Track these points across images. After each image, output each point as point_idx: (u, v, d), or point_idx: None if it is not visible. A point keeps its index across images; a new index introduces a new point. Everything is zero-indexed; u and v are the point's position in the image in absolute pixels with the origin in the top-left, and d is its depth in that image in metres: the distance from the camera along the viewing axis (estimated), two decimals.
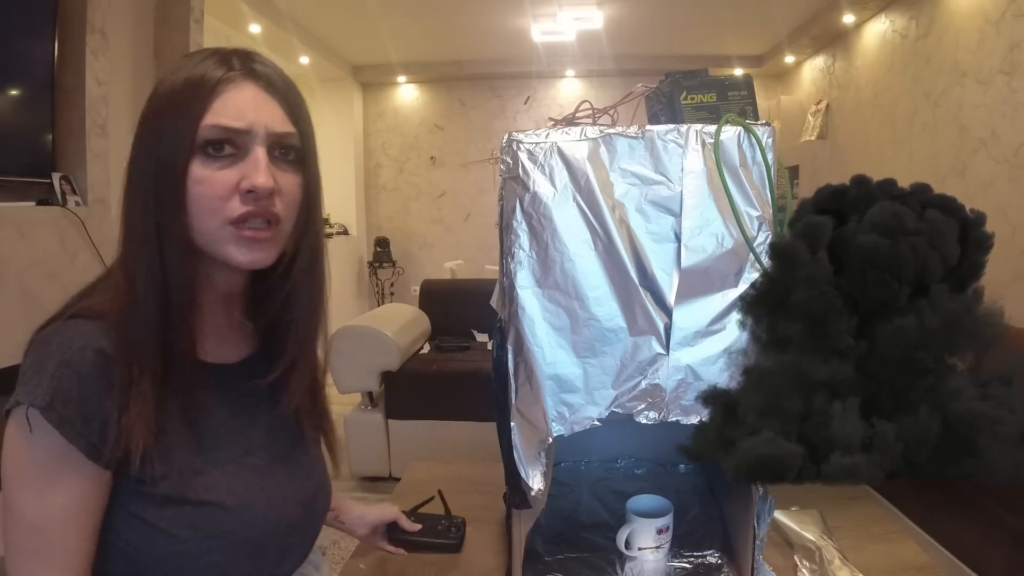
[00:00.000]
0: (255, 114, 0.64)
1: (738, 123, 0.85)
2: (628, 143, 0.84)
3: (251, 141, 0.63)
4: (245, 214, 0.63)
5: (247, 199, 0.63)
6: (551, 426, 0.82)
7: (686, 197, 0.83)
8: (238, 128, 0.63)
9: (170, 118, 0.62)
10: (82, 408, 0.58)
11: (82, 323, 0.61)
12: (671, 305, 0.82)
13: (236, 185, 0.63)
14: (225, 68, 0.64)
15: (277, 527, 0.70)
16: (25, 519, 0.59)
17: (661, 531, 0.96)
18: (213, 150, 0.62)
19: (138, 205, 0.64)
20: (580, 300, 0.82)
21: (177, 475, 0.63)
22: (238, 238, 0.64)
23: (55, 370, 0.58)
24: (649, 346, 0.82)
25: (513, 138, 0.85)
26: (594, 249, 0.83)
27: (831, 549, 0.98)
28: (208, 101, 0.62)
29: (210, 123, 0.62)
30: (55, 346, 0.60)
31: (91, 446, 0.59)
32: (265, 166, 0.63)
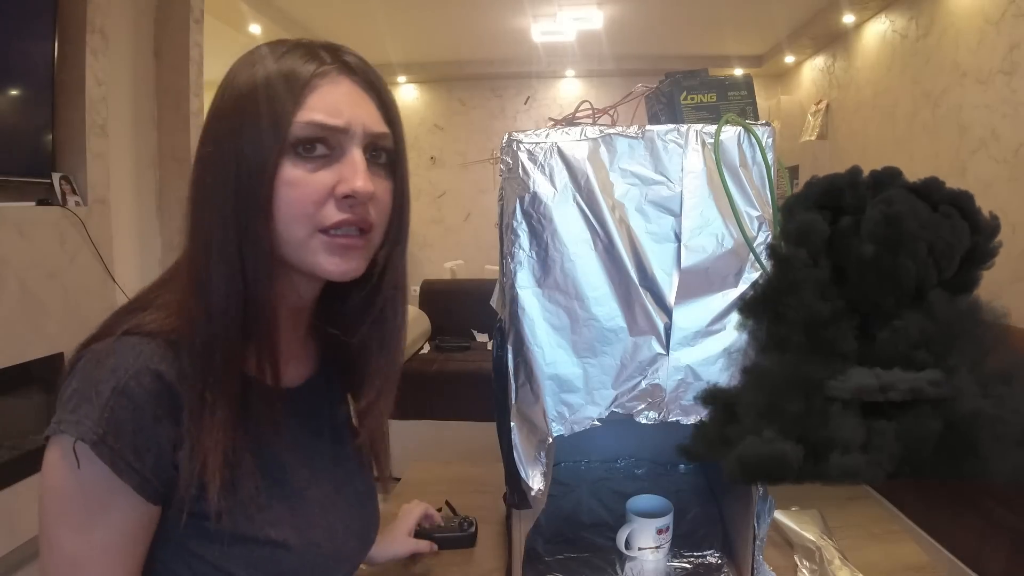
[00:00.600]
0: (352, 111, 0.58)
1: (738, 123, 0.85)
2: (628, 143, 0.84)
3: (347, 141, 0.58)
4: (340, 221, 0.57)
5: (343, 205, 0.57)
6: (551, 426, 0.82)
7: (686, 197, 0.83)
8: (335, 126, 0.57)
9: (254, 114, 0.56)
10: (136, 440, 0.53)
11: (137, 341, 0.55)
12: (671, 305, 0.82)
13: (331, 189, 0.57)
14: (317, 62, 0.58)
15: (336, 564, 0.66)
16: (64, 553, 0.54)
17: (661, 531, 0.96)
18: (305, 150, 0.56)
19: (213, 210, 0.57)
20: (580, 300, 0.82)
21: (240, 511, 0.57)
22: (331, 246, 0.58)
23: (108, 398, 0.52)
24: (649, 346, 0.82)
25: (513, 138, 0.85)
26: (594, 249, 0.83)
27: (831, 549, 0.98)
28: (301, 96, 0.56)
29: (304, 119, 0.56)
30: (108, 369, 0.53)
31: (143, 481, 0.53)
32: (364, 169, 0.58)
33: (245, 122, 0.56)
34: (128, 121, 2.68)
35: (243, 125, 0.56)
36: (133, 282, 2.63)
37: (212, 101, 0.59)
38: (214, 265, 0.57)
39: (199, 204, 0.58)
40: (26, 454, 1.98)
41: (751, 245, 0.82)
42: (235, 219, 0.56)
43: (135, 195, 2.73)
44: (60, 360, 2.09)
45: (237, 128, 0.56)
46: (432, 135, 6.38)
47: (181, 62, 2.82)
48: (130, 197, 2.70)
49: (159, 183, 2.86)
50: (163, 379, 0.54)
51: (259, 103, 0.56)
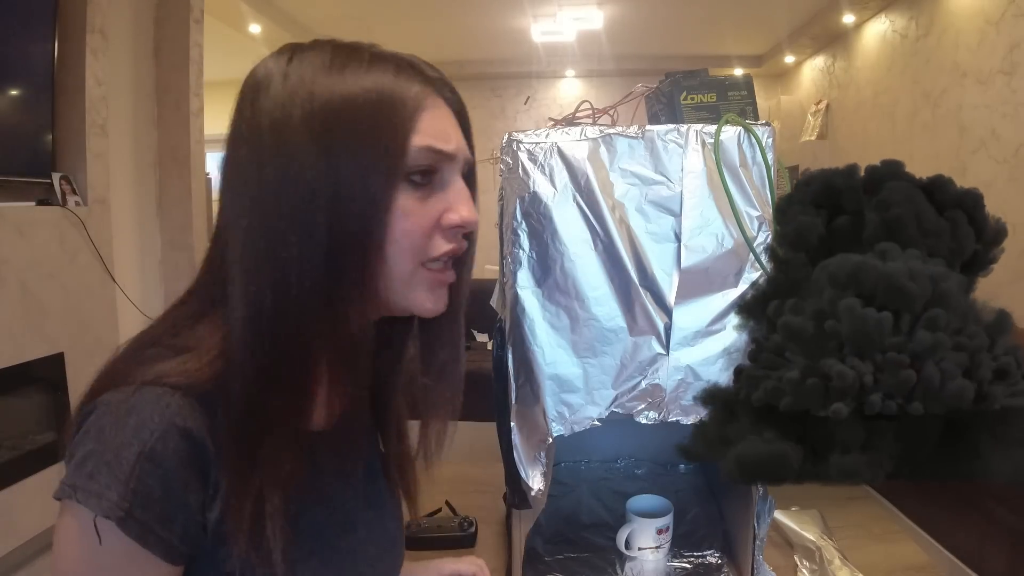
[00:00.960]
0: (456, 136, 0.54)
1: (738, 123, 0.85)
2: (628, 143, 0.84)
3: (452, 167, 0.53)
4: (444, 252, 0.53)
5: (449, 235, 0.53)
6: (551, 426, 0.82)
7: (686, 197, 0.83)
8: (446, 152, 0.52)
9: (359, 135, 0.49)
10: (164, 509, 0.47)
11: (161, 393, 0.47)
12: (671, 305, 0.82)
13: (438, 219, 0.52)
14: (420, 80, 0.52)
15: None
16: None
17: (661, 531, 0.96)
18: (420, 177, 0.51)
19: (289, 242, 0.48)
20: (580, 300, 0.82)
21: (268, 567, 0.51)
22: (432, 281, 0.54)
23: (134, 465, 0.46)
24: (649, 346, 0.82)
25: (513, 138, 0.85)
26: (594, 249, 0.83)
27: (831, 549, 0.98)
28: (415, 119, 0.50)
29: (420, 144, 0.50)
30: (130, 430, 0.46)
31: (170, 548, 0.48)
32: (469, 196, 0.54)
33: (346, 143, 0.48)
34: (128, 121, 2.68)
35: (342, 146, 0.48)
36: (133, 282, 2.63)
37: (266, 107, 0.49)
38: (288, 308, 0.48)
39: (259, 234, 0.49)
40: (26, 454, 1.98)
41: (751, 245, 0.82)
42: (328, 254, 0.48)
43: (135, 195, 2.73)
44: (60, 360, 2.09)
45: (331, 149, 0.48)
46: None
47: (181, 62, 2.82)
48: (130, 197, 2.70)
49: (159, 183, 2.86)
50: (192, 437, 0.48)
51: (364, 122, 0.49)
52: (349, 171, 0.48)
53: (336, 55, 0.51)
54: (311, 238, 0.48)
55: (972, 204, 0.72)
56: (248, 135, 0.50)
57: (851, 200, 0.75)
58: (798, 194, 0.78)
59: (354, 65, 0.50)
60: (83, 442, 0.47)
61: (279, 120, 0.49)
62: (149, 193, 2.82)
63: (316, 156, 0.48)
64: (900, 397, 0.63)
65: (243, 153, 0.50)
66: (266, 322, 0.49)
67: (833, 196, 0.76)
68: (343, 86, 0.49)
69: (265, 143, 0.49)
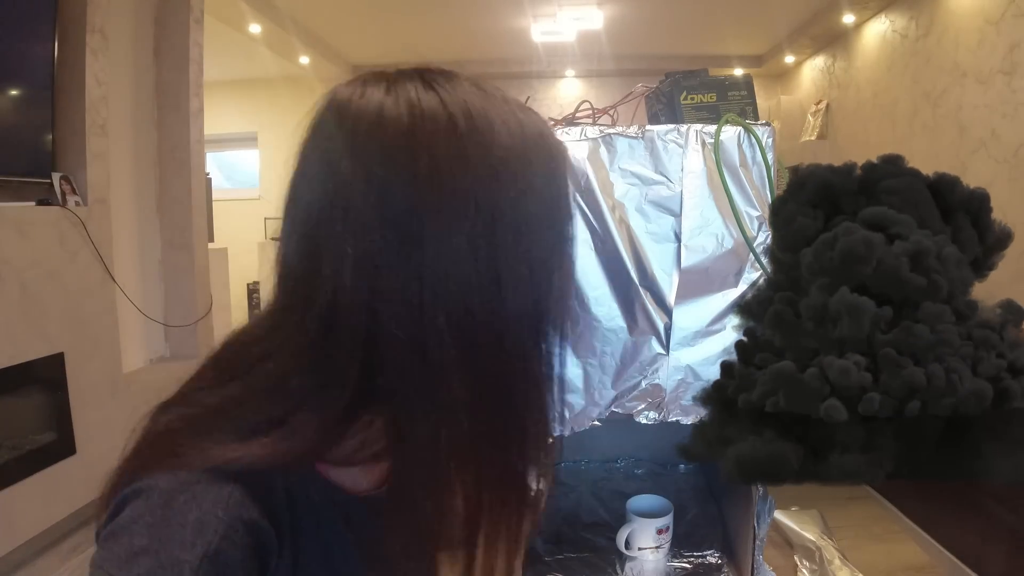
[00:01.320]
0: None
1: (738, 123, 0.85)
2: (628, 143, 0.84)
3: None
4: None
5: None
6: (551, 426, 0.82)
7: (686, 197, 0.83)
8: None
9: (552, 180, 0.43)
10: None
11: (222, 487, 0.41)
12: (671, 305, 0.82)
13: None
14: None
15: None
16: None
17: (661, 531, 0.96)
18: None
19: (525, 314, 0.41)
20: (580, 300, 0.82)
21: None
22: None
23: (197, 569, 0.39)
24: (649, 346, 0.82)
25: None
26: (594, 249, 0.83)
27: (831, 549, 0.98)
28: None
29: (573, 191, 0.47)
30: (192, 530, 0.39)
31: None
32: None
33: (564, 181, 0.44)
34: (128, 121, 2.68)
35: (563, 184, 0.44)
36: (133, 282, 2.63)
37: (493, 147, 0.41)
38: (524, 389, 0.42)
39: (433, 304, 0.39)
40: (26, 454, 1.98)
41: (751, 245, 0.82)
42: (535, 314, 0.42)
43: (135, 195, 2.73)
44: (60, 360, 2.09)
45: (555, 188, 0.43)
46: None
47: (181, 62, 2.82)
48: (130, 197, 2.70)
49: (159, 183, 2.86)
50: (257, 527, 0.42)
51: (552, 166, 0.44)
52: (552, 217, 0.43)
53: (479, 84, 0.45)
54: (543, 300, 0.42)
55: (978, 207, 0.72)
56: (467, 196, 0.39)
57: (849, 201, 0.75)
58: (793, 193, 0.78)
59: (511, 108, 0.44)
60: (130, 531, 0.39)
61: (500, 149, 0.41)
62: (149, 193, 2.82)
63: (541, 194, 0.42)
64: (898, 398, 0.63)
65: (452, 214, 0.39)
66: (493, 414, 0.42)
67: (830, 195, 0.76)
68: (516, 128, 0.43)
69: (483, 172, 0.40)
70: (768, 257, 0.80)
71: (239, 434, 0.42)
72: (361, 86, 0.42)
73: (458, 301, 0.39)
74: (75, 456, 2.13)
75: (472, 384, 0.41)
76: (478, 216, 0.39)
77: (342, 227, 0.39)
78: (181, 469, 0.41)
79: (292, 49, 4.91)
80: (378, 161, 0.39)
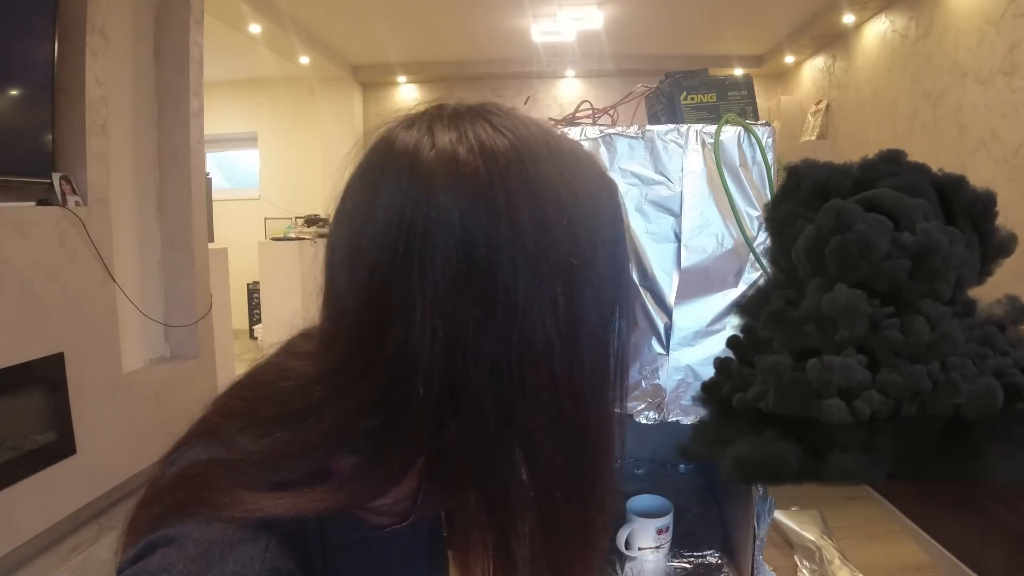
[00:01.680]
0: None
1: (738, 123, 0.85)
2: (628, 143, 0.84)
3: None
4: None
5: None
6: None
7: (686, 197, 0.83)
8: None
9: (614, 220, 0.43)
10: None
11: (258, 540, 0.38)
12: (671, 305, 0.82)
13: None
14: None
15: None
16: None
17: (661, 531, 0.96)
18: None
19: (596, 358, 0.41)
20: None
21: None
22: None
23: None
24: (649, 346, 0.82)
25: None
26: None
27: (831, 549, 0.98)
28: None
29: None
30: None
31: None
32: None
33: (622, 219, 0.44)
34: (128, 121, 2.68)
35: (621, 223, 0.44)
36: (133, 282, 2.63)
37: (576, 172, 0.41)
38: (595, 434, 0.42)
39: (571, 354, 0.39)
40: (26, 454, 1.98)
41: (751, 245, 0.82)
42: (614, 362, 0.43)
43: (135, 195, 2.73)
44: (60, 360, 2.09)
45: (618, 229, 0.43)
46: None
47: (181, 62, 2.82)
48: (130, 197, 2.70)
49: (159, 183, 2.86)
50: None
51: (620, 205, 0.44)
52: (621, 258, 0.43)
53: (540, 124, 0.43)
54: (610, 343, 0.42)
55: (981, 212, 0.71)
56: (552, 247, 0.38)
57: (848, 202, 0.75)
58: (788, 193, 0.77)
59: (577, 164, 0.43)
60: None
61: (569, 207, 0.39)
62: (149, 193, 2.82)
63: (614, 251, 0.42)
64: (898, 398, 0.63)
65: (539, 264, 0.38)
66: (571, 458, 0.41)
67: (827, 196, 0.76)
68: (592, 165, 0.43)
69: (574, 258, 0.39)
70: (768, 258, 0.80)
71: (283, 482, 0.40)
72: (428, 132, 0.40)
73: (540, 358, 0.38)
74: (75, 456, 2.13)
75: (555, 440, 0.40)
76: (557, 269, 0.38)
77: (418, 280, 0.37)
78: (217, 521, 0.38)
79: (292, 49, 4.91)
80: (457, 215, 0.37)
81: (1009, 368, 0.62)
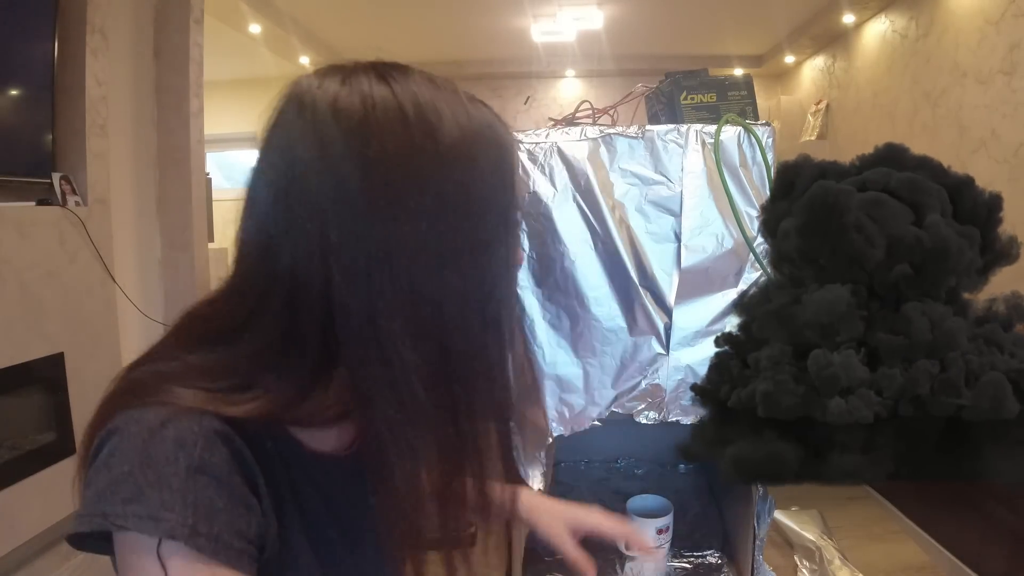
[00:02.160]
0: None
1: (738, 123, 0.85)
2: (628, 143, 0.84)
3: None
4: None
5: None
6: (551, 426, 0.82)
7: (686, 197, 0.83)
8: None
9: (498, 168, 0.48)
10: (232, 518, 0.43)
11: (198, 414, 0.44)
12: (671, 305, 0.82)
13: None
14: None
15: None
16: None
17: (661, 531, 0.96)
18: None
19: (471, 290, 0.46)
20: (580, 300, 0.82)
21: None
22: None
23: (185, 481, 0.41)
24: (649, 346, 0.82)
25: None
26: (594, 249, 0.83)
27: (831, 549, 0.98)
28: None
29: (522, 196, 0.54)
30: (171, 446, 0.41)
31: (243, 555, 0.43)
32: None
33: (510, 170, 0.48)
34: (128, 121, 2.68)
35: (508, 173, 0.48)
36: (133, 282, 2.63)
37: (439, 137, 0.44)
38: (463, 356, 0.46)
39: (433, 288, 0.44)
40: (26, 454, 1.98)
41: (751, 245, 0.82)
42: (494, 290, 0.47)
43: (135, 195, 2.73)
44: (60, 360, 2.09)
45: (500, 176, 0.47)
46: None
47: (181, 62, 2.82)
48: (130, 197, 2.70)
49: (159, 183, 2.86)
50: (233, 440, 0.44)
51: (511, 157, 0.49)
52: (507, 212, 0.47)
53: (431, 77, 0.49)
54: (487, 278, 0.46)
55: (986, 217, 0.70)
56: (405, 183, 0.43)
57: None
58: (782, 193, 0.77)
59: (460, 97, 0.48)
60: (109, 464, 0.42)
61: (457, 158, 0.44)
62: (149, 193, 2.81)
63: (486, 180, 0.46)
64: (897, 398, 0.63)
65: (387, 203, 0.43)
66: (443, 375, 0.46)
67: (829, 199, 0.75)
68: (481, 115, 0.47)
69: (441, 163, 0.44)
70: (768, 259, 0.80)
71: (213, 388, 0.45)
72: (319, 78, 0.46)
73: (405, 277, 0.43)
74: (75, 456, 2.12)
75: (422, 353, 0.44)
76: (424, 199, 0.43)
77: (300, 208, 0.43)
78: (156, 406, 0.43)
79: (292, 49, 4.91)
80: (333, 147, 0.43)
81: (1015, 368, 0.62)
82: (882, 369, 0.63)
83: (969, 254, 0.65)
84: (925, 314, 0.63)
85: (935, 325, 0.62)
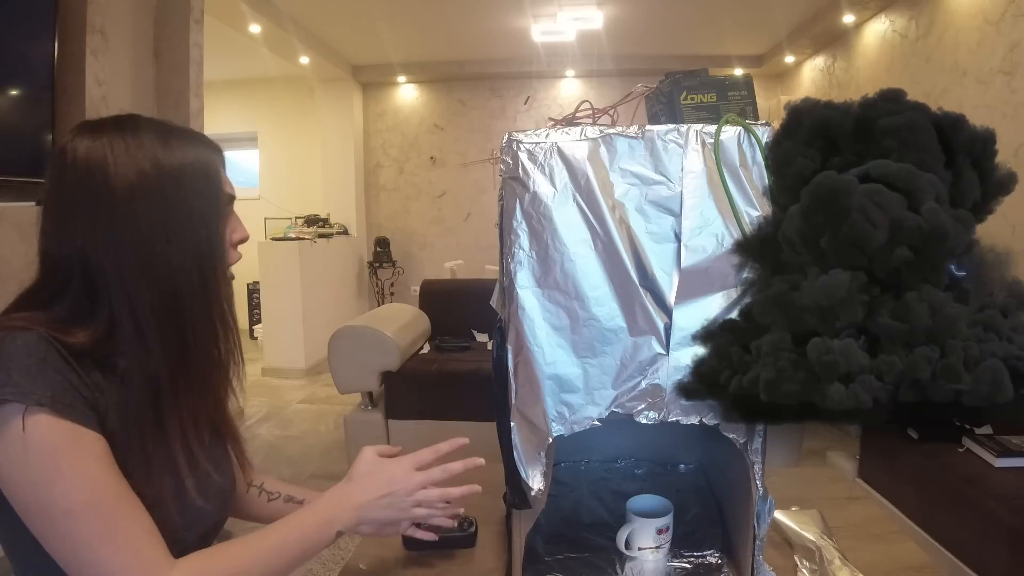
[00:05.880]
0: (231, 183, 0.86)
1: (738, 123, 0.85)
2: (628, 143, 0.84)
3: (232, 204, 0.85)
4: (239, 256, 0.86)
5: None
6: (551, 426, 0.82)
7: (686, 197, 0.83)
8: (234, 194, 0.85)
9: (210, 184, 0.80)
10: (80, 394, 0.67)
11: (32, 328, 0.69)
12: (671, 305, 0.82)
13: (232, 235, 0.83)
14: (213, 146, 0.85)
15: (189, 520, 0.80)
16: (76, 503, 0.63)
17: (661, 531, 0.96)
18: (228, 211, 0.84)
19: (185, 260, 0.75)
20: (580, 300, 0.82)
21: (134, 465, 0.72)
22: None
23: (37, 372, 0.65)
24: (649, 346, 0.82)
25: (513, 138, 0.85)
26: (594, 249, 0.83)
27: (831, 549, 0.98)
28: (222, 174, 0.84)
29: (228, 192, 0.83)
30: (22, 350, 0.66)
31: (96, 422, 0.68)
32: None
33: (200, 190, 0.78)
34: None
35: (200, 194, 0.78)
36: None
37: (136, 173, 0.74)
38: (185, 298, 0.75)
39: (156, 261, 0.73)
40: None
41: None
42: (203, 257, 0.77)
43: None
44: None
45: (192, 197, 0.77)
46: (432, 135, 6.39)
47: (181, 62, 2.82)
48: None
49: None
50: (62, 349, 0.67)
51: (210, 177, 0.80)
52: (207, 207, 0.78)
53: (165, 133, 0.80)
54: (195, 249, 0.76)
55: (981, 150, 0.71)
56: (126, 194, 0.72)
57: (847, 140, 0.74)
58: (789, 132, 0.77)
59: (179, 139, 0.81)
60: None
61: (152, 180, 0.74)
62: None
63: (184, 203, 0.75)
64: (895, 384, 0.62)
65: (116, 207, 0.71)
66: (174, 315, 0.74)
67: (828, 134, 0.75)
68: (185, 154, 0.79)
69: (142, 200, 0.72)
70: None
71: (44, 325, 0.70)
72: (72, 135, 0.77)
73: (141, 251, 0.72)
74: None
75: (157, 295, 0.72)
76: (146, 208, 0.73)
77: (63, 201, 0.74)
78: (9, 330, 0.68)
79: (292, 49, 4.91)
80: (82, 184, 0.73)
81: (1014, 354, 0.62)
82: (882, 355, 0.63)
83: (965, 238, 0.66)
84: (924, 300, 0.63)
85: (935, 311, 0.62)
